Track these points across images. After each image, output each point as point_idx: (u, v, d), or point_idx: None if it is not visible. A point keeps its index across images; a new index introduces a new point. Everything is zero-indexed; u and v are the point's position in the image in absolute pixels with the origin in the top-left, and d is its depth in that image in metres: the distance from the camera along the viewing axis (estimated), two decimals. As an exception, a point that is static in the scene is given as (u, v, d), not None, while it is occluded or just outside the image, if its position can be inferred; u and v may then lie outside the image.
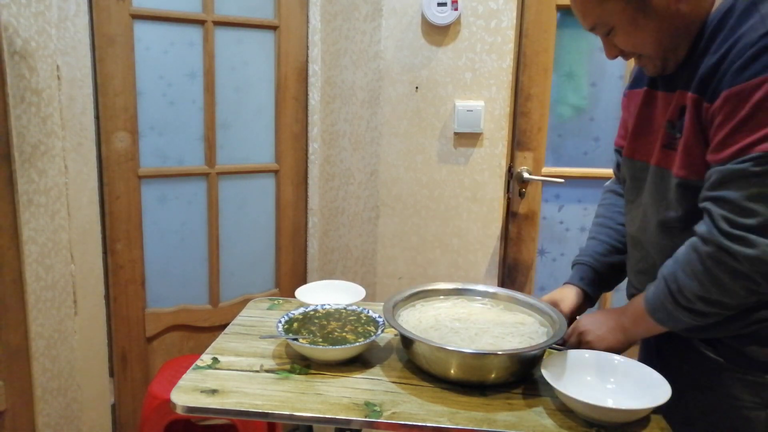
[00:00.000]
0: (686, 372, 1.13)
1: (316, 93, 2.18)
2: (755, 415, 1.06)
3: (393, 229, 2.34)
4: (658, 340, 1.20)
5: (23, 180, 1.57)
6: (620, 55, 1.10)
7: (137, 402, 2.06)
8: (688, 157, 1.03)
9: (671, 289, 1.02)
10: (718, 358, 1.08)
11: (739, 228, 0.93)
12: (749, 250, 0.92)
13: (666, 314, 1.05)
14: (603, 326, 1.17)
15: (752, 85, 0.91)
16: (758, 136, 0.91)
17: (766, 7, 0.94)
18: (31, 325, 1.64)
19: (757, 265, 0.93)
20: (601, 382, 1.11)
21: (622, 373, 1.11)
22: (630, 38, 1.05)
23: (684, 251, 1.02)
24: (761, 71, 0.91)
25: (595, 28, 1.07)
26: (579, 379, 1.11)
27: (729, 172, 0.94)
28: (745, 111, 0.92)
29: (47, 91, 1.60)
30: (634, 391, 1.07)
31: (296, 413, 1.03)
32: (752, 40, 0.92)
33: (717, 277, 0.96)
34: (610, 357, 1.14)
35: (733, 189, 0.94)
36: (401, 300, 1.30)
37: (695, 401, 1.12)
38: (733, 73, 0.93)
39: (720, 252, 0.95)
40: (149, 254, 2.03)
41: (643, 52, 1.07)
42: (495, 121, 2.21)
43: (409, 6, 2.18)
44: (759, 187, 0.92)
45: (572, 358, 1.14)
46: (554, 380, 1.05)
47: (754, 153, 0.92)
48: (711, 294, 0.98)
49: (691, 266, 0.99)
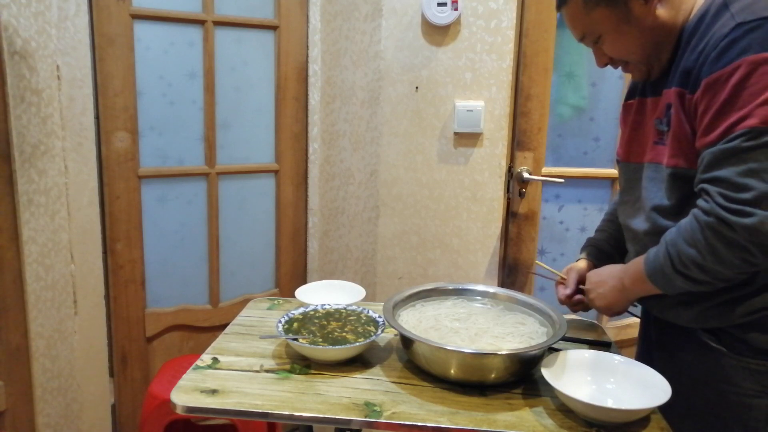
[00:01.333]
0: (687, 362, 1.15)
1: (316, 93, 2.18)
2: (757, 402, 1.08)
3: (393, 229, 2.34)
4: (658, 332, 1.23)
5: (23, 180, 1.57)
6: (609, 62, 1.18)
7: (137, 402, 2.06)
8: (677, 146, 1.08)
9: (671, 254, 1.06)
10: (720, 347, 1.10)
11: (736, 202, 0.97)
12: (746, 220, 0.96)
13: (663, 277, 1.09)
14: (605, 284, 1.22)
15: (728, 71, 0.98)
16: (742, 113, 0.96)
17: (735, 6, 1.01)
18: (31, 325, 1.64)
19: (754, 235, 0.96)
20: (601, 382, 1.11)
21: (622, 373, 1.11)
22: (616, 45, 1.13)
23: (687, 220, 1.05)
24: (735, 57, 0.97)
25: (584, 38, 1.16)
26: (579, 379, 1.11)
27: (720, 152, 0.99)
28: (725, 93, 0.98)
29: (47, 91, 1.60)
30: (634, 391, 1.07)
31: (296, 413, 1.03)
32: (724, 33, 0.99)
33: (714, 246, 1.00)
34: (609, 357, 1.14)
35: (725, 167, 0.98)
36: (401, 300, 1.30)
37: (696, 391, 1.14)
38: (710, 62, 1.00)
39: (719, 223, 0.99)
40: (149, 254, 2.03)
41: (629, 58, 1.15)
42: (495, 121, 2.21)
43: (409, 6, 2.18)
44: (750, 162, 0.96)
45: (572, 358, 1.14)
46: (554, 380, 1.05)
47: (740, 130, 0.97)
48: (707, 262, 1.01)
49: (692, 234, 1.02)
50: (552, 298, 1.36)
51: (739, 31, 0.97)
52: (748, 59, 0.96)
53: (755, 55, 0.95)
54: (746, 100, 0.96)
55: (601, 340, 1.35)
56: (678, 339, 1.18)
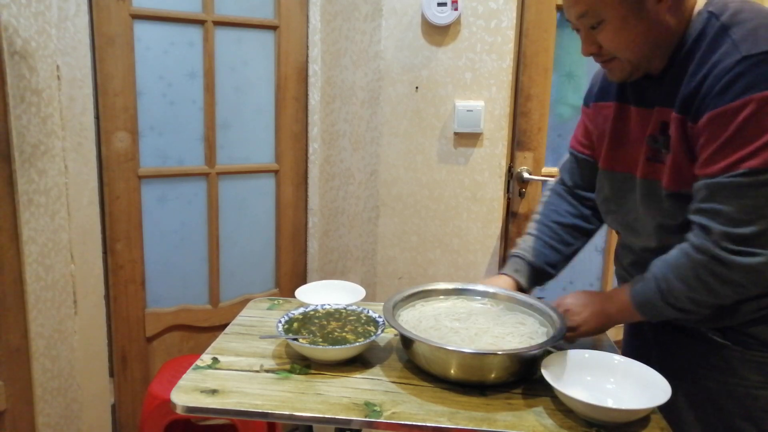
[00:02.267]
0: (689, 359, 1.16)
1: (316, 93, 2.18)
2: (762, 393, 1.09)
3: (393, 229, 2.34)
4: (655, 330, 1.24)
5: (23, 180, 1.57)
6: (596, 53, 1.11)
7: (137, 402, 2.06)
8: (677, 172, 1.07)
9: (661, 288, 1.06)
10: (725, 341, 1.11)
11: (734, 239, 0.97)
12: (747, 260, 0.97)
13: (652, 309, 1.10)
14: (587, 309, 1.20)
15: (734, 107, 0.96)
16: (745, 152, 0.96)
17: (736, 33, 0.99)
18: (31, 325, 1.64)
19: (751, 274, 0.98)
20: (601, 382, 1.11)
21: (622, 373, 1.11)
22: (616, 36, 1.06)
23: (676, 255, 1.06)
24: (741, 93, 0.95)
25: (584, 16, 1.07)
26: (579, 379, 1.11)
27: (720, 186, 0.98)
28: (730, 130, 0.97)
29: (47, 91, 1.60)
30: (634, 390, 1.07)
31: (296, 413, 1.03)
32: (728, 66, 0.97)
33: (707, 282, 1.01)
34: (609, 357, 1.14)
35: (725, 202, 0.98)
36: (401, 300, 1.30)
37: (698, 385, 1.14)
38: (714, 96, 0.98)
39: (713, 262, 1.00)
40: (149, 254, 2.02)
41: (622, 54, 1.08)
42: (495, 121, 2.21)
43: (409, 6, 2.18)
44: (750, 198, 0.96)
45: (572, 358, 1.14)
46: (554, 380, 1.05)
47: (742, 169, 0.96)
48: (700, 296, 1.04)
49: (683, 271, 1.04)
50: (552, 297, 1.36)
51: (745, 65, 0.95)
52: (756, 97, 0.94)
53: (762, 92, 0.94)
54: (751, 138, 0.95)
55: None
56: (678, 336, 1.18)
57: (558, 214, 1.39)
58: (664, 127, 1.09)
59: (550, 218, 1.40)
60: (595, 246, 2.39)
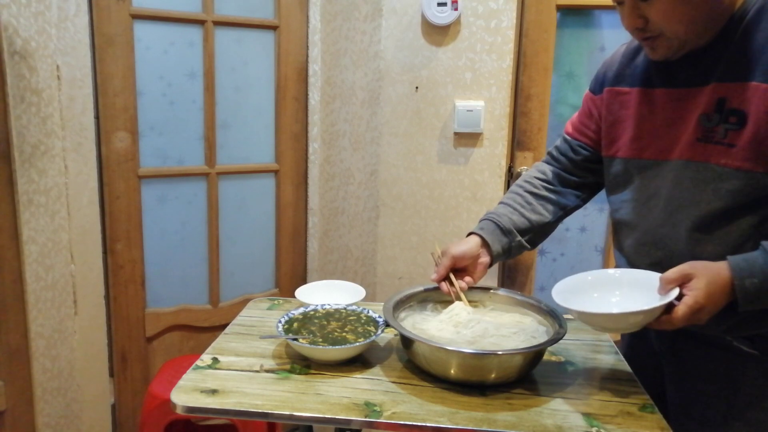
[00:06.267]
0: (711, 369, 1.12)
1: (316, 93, 2.18)
2: None
3: (393, 229, 2.34)
4: (669, 340, 1.19)
5: (23, 180, 1.57)
6: (640, 27, 1.03)
7: (137, 402, 2.06)
8: (756, 148, 0.98)
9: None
10: (754, 351, 1.07)
11: None
12: None
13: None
14: (717, 306, 1.01)
15: None
16: None
17: None
18: (31, 325, 1.64)
19: None
20: (607, 297, 1.12)
21: (626, 284, 1.11)
22: (670, 10, 0.98)
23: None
24: None
25: None
26: (587, 299, 1.11)
27: None
28: None
29: (47, 91, 1.60)
30: (641, 297, 1.06)
31: (296, 413, 1.03)
32: None
33: None
34: (606, 273, 1.15)
35: None
36: (401, 300, 1.30)
37: (719, 397, 1.11)
38: None
39: None
40: (149, 254, 2.02)
41: (671, 29, 1.01)
42: (495, 121, 2.21)
43: (409, 6, 2.18)
44: None
45: (574, 283, 1.14)
46: (568, 303, 1.05)
47: None
48: None
49: None
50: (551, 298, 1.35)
51: None
52: None
53: None
54: None
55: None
56: (696, 347, 1.13)
57: (532, 185, 1.36)
58: (720, 104, 1.01)
59: (523, 188, 1.36)
60: (595, 246, 2.39)
